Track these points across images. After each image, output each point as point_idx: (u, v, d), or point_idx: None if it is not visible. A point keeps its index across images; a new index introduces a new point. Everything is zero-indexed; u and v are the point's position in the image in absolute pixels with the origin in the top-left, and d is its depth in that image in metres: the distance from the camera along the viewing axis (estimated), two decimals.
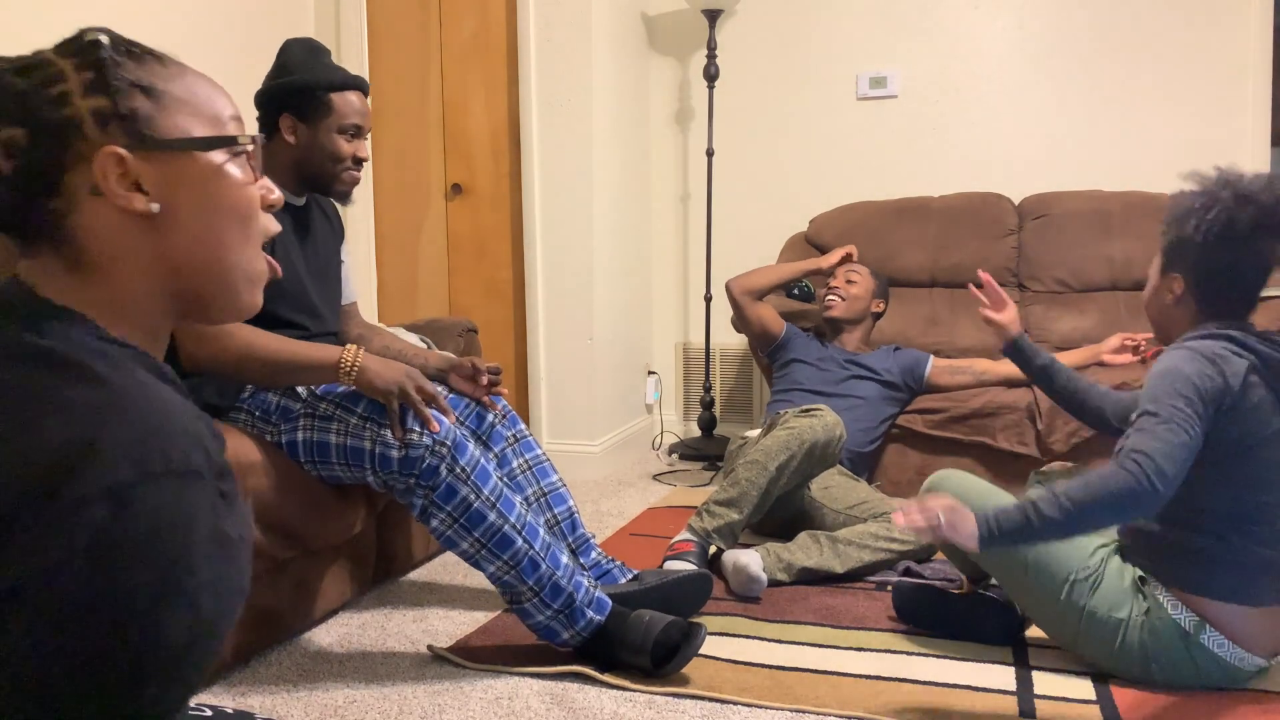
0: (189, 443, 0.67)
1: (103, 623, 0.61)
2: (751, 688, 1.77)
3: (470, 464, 1.80)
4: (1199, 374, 1.63)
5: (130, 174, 0.76)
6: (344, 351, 1.84)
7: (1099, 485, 1.55)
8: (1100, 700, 1.71)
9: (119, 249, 0.77)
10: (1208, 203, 1.72)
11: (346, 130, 2.01)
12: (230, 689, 1.81)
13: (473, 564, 1.83)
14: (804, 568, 2.32)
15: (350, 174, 2.05)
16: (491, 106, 3.69)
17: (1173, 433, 1.58)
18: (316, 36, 3.62)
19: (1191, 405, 1.61)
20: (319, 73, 1.99)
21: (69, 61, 0.76)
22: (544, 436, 3.62)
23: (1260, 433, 1.65)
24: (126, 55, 0.78)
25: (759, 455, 2.43)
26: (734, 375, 4.24)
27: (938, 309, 3.63)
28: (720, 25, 4.04)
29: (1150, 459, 1.55)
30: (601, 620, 1.83)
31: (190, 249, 0.79)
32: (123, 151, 0.75)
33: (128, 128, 0.76)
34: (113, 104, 0.76)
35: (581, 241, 3.55)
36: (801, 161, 4.09)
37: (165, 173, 0.78)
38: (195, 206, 0.79)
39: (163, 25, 2.92)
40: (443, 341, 2.65)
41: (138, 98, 0.77)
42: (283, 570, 1.96)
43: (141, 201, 0.76)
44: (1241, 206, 1.69)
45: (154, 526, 0.63)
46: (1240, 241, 1.71)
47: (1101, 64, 3.74)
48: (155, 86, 0.78)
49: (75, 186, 0.75)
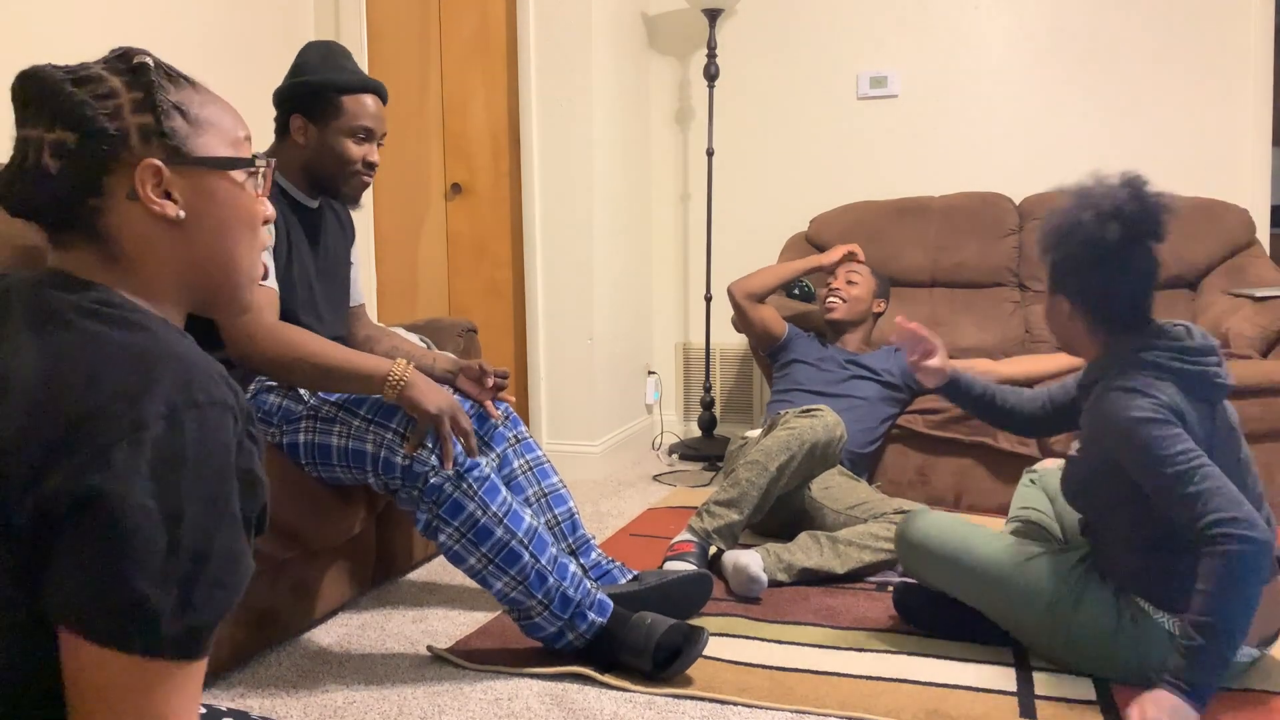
0: (222, 383, 0.81)
1: (163, 528, 0.73)
2: (751, 688, 1.77)
3: (478, 480, 1.79)
4: (1155, 421, 1.61)
5: (164, 184, 0.87)
6: (393, 365, 1.82)
7: (1222, 578, 1.51)
8: (1100, 700, 1.71)
9: (147, 246, 0.87)
10: (1071, 227, 1.73)
11: (356, 133, 1.98)
12: (229, 689, 1.81)
13: (480, 580, 1.81)
14: (804, 568, 2.32)
15: (360, 178, 2.02)
16: (491, 106, 3.69)
17: (1210, 480, 1.56)
18: (316, 36, 3.62)
19: (1183, 445, 1.59)
20: (331, 74, 1.97)
21: (120, 79, 0.87)
22: (544, 437, 3.62)
23: (1207, 448, 1.64)
24: (167, 79, 0.89)
25: (759, 456, 2.43)
26: (734, 375, 4.23)
27: (938, 309, 3.63)
28: (720, 25, 4.04)
29: (1231, 520, 1.53)
30: (604, 622, 1.83)
31: (208, 251, 0.91)
32: (160, 164, 0.86)
33: (166, 144, 0.87)
34: (156, 122, 0.87)
35: (581, 241, 3.55)
36: (801, 161, 4.09)
37: (193, 185, 0.89)
38: (215, 216, 0.91)
39: (163, 25, 2.92)
40: (442, 341, 2.65)
41: (176, 118, 0.88)
42: (283, 570, 1.96)
43: (172, 209, 0.87)
44: (1105, 225, 1.69)
45: (202, 444, 0.76)
46: (1112, 259, 1.72)
47: (1101, 64, 3.73)
48: (190, 110, 0.90)
49: (114, 188, 0.86)
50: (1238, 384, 2.78)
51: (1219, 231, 3.44)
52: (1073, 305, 1.80)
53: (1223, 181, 3.65)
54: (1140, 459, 1.63)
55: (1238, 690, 1.73)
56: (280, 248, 1.95)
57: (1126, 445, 1.65)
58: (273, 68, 3.34)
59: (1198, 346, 1.70)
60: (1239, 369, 2.82)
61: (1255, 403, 2.79)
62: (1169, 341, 1.71)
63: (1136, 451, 1.63)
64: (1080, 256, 1.75)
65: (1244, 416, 2.77)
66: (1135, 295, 1.75)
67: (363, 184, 2.03)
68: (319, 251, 2.08)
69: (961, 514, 2.93)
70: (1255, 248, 3.45)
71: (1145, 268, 1.74)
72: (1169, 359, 1.69)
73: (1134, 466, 1.65)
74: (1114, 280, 1.74)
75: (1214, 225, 3.44)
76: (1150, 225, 1.71)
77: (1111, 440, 1.68)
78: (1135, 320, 1.76)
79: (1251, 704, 1.69)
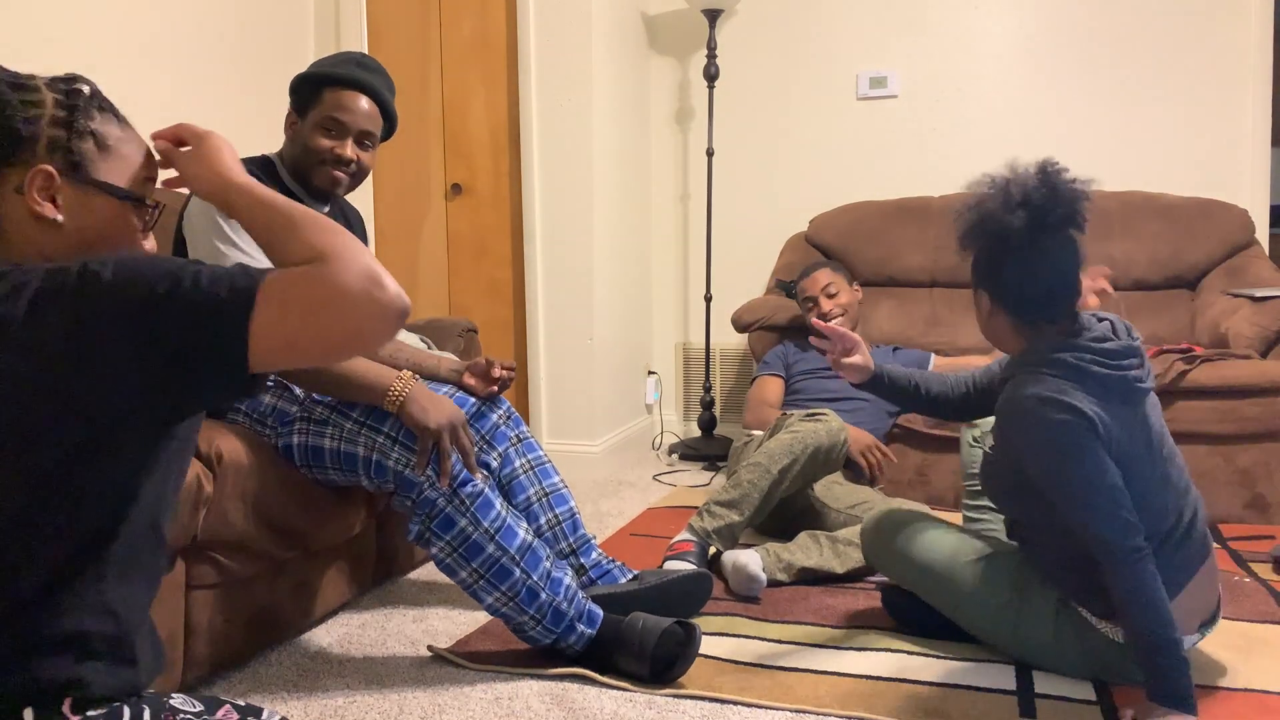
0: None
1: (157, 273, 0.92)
2: (751, 688, 1.77)
3: (472, 495, 1.79)
4: (1057, 443, 1.60)
5: (53, 190, 1.01)
6: (395, 379, 1.82)
7: (1123, 595, 1.55)
8: (1100, 700, 1.71)
9: (22, 234, 1.02)
10: (980, 218, 1.68)
11: (325, 124, 1.93)
12: (230, 689, 1.81)
13: (472, 594, 1.81)
14: (804, 568, 2.32)
15: (327, 171, 1.94)
16: (491, 106, 3.69)
17: (1096, 501, 1.57)
18: (316, 36, 3.62)
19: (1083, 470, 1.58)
20: (323, 66, 1.96)
21: (53, 95, 1.02)
22: (544, 436, 3.62)
23: (1129, 452, 1.63)
24: (98, 109, 1.04)
25: (762, 458, 2.43)
26: (734, 375, 4.23)
27: (938, 309, 3.63)
28: (720, 25, 4.04)
29: (1109, 543, 1.56)
30: (592, 633, 1.83)
31: (74, 254, 1.01)
32: (54, 172, 1.01)
33: (68, 159, 1.01)
34: (67, 139, 1.01)
35: (581, 241, 3.55)
36: (801, 161, 4.09)
37: (79, 199, 1.03)
38: (90, 229, 1.04)
39: (163, 25, 2.92)
40: (442, 341, 2.65)
41: (88, 142, 1.03)
42: (283, 570, 1.96)
43: (50, 211, 1.01)
44: (1013, 214, 1.64)
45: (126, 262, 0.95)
46: (1022, 251, 1.66)
47: (1102, 64, 3.74)
48: (106, 140, 1.04)
49: (8, 178, 1.01)
50: (1237, 384, 2.80)
51: (1218, 231, 3.44)
52: (990, 300, 1.74)
53: (1222, 181, 3.65)
54: (1043, 475, 1.63)
55: (1238, 690, 1.73)
56: None
57: (1033, 459, 1.64)
58: (273, 67, 3.34)
59: (1117, 349, 1.65)
60: (1239, 369, 2.83)
61: (1255, 403, 2.79)
62: (1089, 342, 1.66)
63: (1040, 468, 1.63)
64: (991, 249, 1.70)
65: (1244, 416, 2.79)
66: (1052, 288, 1.67)
67: (331, 178, 1.95)
68: None
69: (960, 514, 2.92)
70: (1255, 248, 3.45)
71: (1061, 258, 1.66)
72: (1088, 360, 1.64)
73: (1039, 479, 1.65)
74: (1027, 272, 1.67)
75: (1213, 225, 3.45)
76: (1061, 213, 1.64)
77: (1019, 449, 1.66)
78: (1054, 314, 1.70)
79: (1252, 704, 1.69)
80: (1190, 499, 1.71)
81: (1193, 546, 1.68)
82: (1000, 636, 1.84)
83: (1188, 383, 2.81)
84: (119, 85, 2.77)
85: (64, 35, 2.60)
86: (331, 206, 2.11)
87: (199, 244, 1.85)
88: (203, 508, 1.68)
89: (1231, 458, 2.82)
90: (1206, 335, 3.20)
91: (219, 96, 3.12)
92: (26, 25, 2.51)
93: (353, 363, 1.84)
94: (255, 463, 1.81)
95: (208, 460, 1.71)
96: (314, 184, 1.97)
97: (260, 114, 3.23)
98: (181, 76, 2.98)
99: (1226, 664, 1.84)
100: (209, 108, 3.08)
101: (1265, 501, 2.80)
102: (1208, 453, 2.83)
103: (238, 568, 1.80)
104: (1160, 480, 1.66)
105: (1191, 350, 2.99)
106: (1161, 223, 3.47)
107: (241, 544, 1.79)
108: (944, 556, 1.90)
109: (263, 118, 3.25)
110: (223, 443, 1.75)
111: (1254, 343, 2.97)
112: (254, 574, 1.87)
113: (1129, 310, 3.36)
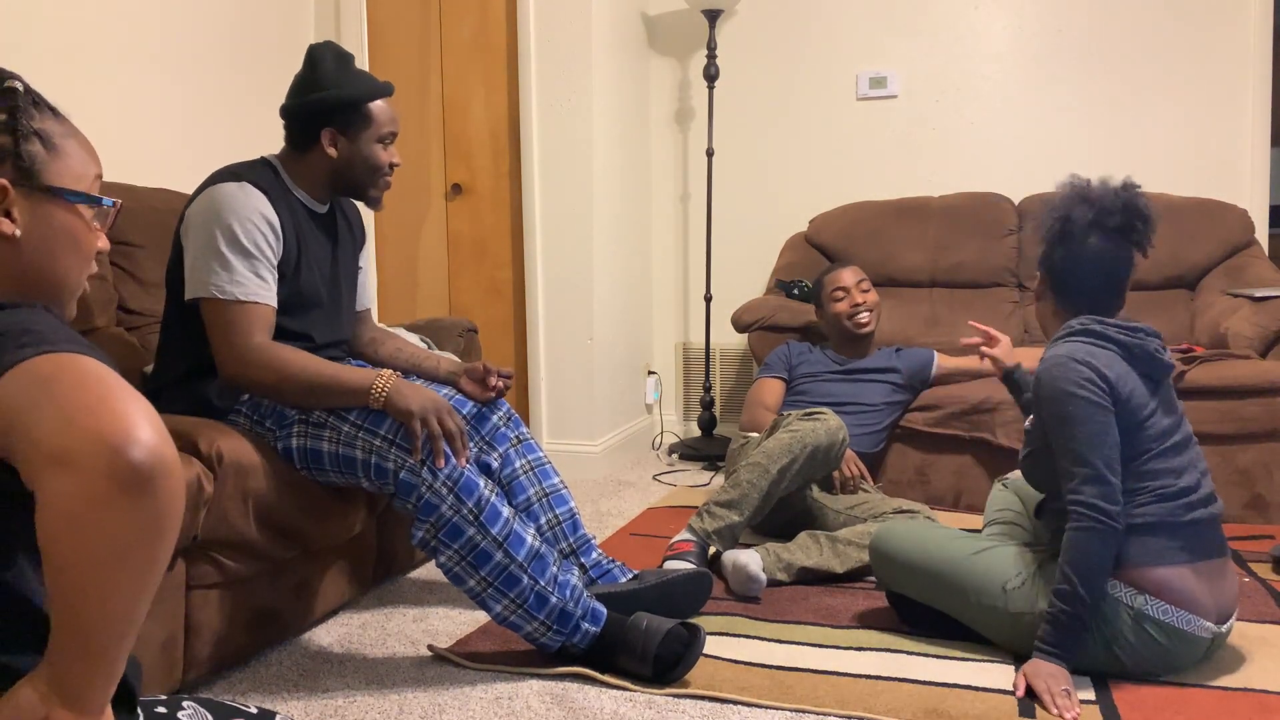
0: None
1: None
2: (751, 688, 1.77)
3: (479, 504, 1.79)
4: (1078, 397, 1.73)
5: (7, 203, 0.90)
6: (377, 376, 1.85)
7: (1071, 550, 1.69)
8: (1100, 700, 1.71)
9: None
10: (1054, 206, 1.87)
11: (385, 139, 2.03)
12: (230, 689, 1.81)
13: (479, 603, 1.81)
14: (803, 568, 2.32)
15: (386, 180, 2.08)
16: (491, 106, 3.69)
17: (1091, 465, 1.70)
18: (316, 37, 3.62)
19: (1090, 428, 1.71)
20: (358, 85, 1.99)
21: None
22: (544, 436, 3.62)
23: (1139, 415, 1.75)
24: (34, 105, 0.93)
25: (761, 458, 2.43)
26: (734, 375, 4.24)
27: (938, 309, 3.63)
28: (720, 25, 4.04)
29: (1089, 505, 1.69)
30: (597, 631, 1.84)
31: (36, 268, 0.93)
32: (8, 185, 0.89)
33: (19, 166, 0.90)
34: (14, 144, 0.90)
35: (581, 241, 3.55)
36: (801, 161, 4.09)
37: (35, 209, 0.92)
38: (50, 240, 0.93)
39: (163, 25, 2.92)
40: (443, 341, 2.65)
41: (35, 144, 0.91)
42: (283, 570, 1.96)
43: (9, 227, 0.90)
44: (1077, 206, 1.83)
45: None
46: (1076, 239, 1.84)
47: (1101, 64, 3.74)
48: (51, 139, 0.93)
49: None
50: (1237, 384, 2.80)
51: (1218, 231, 3.44)
52: (1041, 281, 1.93)
53: (1222, 181, 3.65)
54: (1052, 422, 1.77)
55: (1238, 690, 1.74)
56: (290, 255, 1.96)
57: (1050, 411, 1.77)
58: (273, 67, 3.34)
59: (1140, 326, 1.82)
60: (1239, 369, 2.83)
61: (1255, 403, 2.79)
62: (1119, 322, 1.83)
63: (1052, 415, 1.77)
64: (1054, 233, 1.87)
65: (1244, 416, 2.79)
66: (1095, 285, 1.85)
67: (388, 185, 2.09)
68: (330, 255, 2.10)
69: (959, 513, 2.93)
70: (1254, 248, 3.45)
71: (1109, 260, 1.83)
72: (1114, 329, 1.80)
73: (1048, 427, 1.79)
74: (1076, 259, 1.84)
75: (1213, 225, 3.45)
76: (1121, 220, 1.81)
77: (1042, 404, 1.80)
78: (1097, 306, 1.86)
79: (1252, 704, 1.69)
80: (1205, 486, 1.79)
81: (1206, 529, 1.76)
82: (1012, 622, 1.83)
83: (1188, 383, 2.82)
84: (119, 86, 2.77)
85: (64, 35, 2.60)
86: (331, 208, 2.12)
87: (195, 256, 1.89)
88: (203, 508, 1.68)
89: (1231, 458, 2.82)
90: (1206, 335, 3.20)
91: (219, 97, 3.12)
92: (27, 25, 2.51)
93: (334, 369, 1.88)
94: (255, 462, 1.81)
95: (208, 460, 1.71)
96: (371, 194, 2.07)
97: (260, 113, 3.23)
98: (181, 77, 2.98)
99: (1227, 664, 1.85)
100: (209, 108, 3.08)
101: (1265, 501, 2.80)
102: (1208, 453, 2.83)
103: (238, 567, 1.81)
104: (1184, 440, 1.78)
105: (1191, 350, 2.99)
106: (1161, 223, 3.44)
107: (242, 544, 1.79)
108: (948, 553, 1.91)
109: (263, 117, 3.24)
110: (223, 443, 1.75)
111: (1254, 343, 2.97)
112: (254, 574, 1.87)
113: (1129, 310, 3.36)
